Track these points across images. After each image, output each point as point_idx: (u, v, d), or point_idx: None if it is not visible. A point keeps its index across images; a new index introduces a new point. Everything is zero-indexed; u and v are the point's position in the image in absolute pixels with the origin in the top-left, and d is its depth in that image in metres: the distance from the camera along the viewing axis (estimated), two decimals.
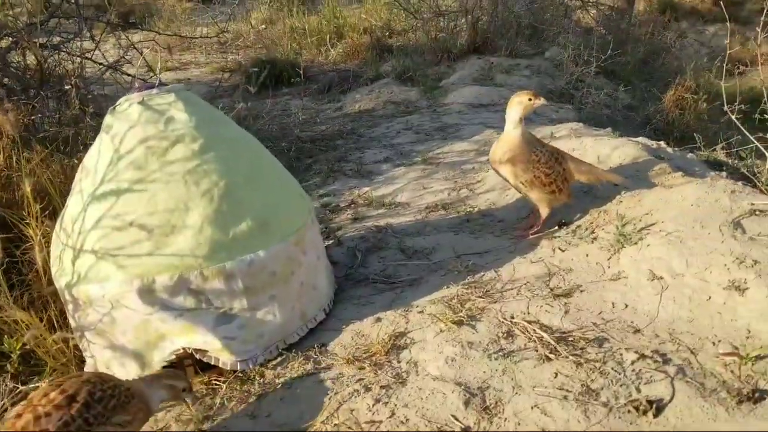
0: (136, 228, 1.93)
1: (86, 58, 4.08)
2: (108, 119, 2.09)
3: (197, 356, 1.99)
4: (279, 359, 2.09)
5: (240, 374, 2.03)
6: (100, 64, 4.42)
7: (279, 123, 5.51)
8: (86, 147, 3.06)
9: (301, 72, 5.71)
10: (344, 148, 4.85)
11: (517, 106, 2.52)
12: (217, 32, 6.07)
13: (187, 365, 2.06)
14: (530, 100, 2.50)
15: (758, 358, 1.74)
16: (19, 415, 1.49)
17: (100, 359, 2.03)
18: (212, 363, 2.00)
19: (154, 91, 2.10)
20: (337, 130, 5.41)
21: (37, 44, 3.73)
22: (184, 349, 1.97)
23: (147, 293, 1.91)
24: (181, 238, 1.93)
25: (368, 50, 8.13)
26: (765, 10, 3.41)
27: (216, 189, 2.01)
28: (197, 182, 2.00)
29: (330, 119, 5.95)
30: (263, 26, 9.94)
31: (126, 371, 1.99)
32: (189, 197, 1.97)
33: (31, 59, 3.82)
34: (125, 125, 2.03)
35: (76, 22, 4.54)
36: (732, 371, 1.72)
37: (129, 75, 4.77)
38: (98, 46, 4.43)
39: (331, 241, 2.97)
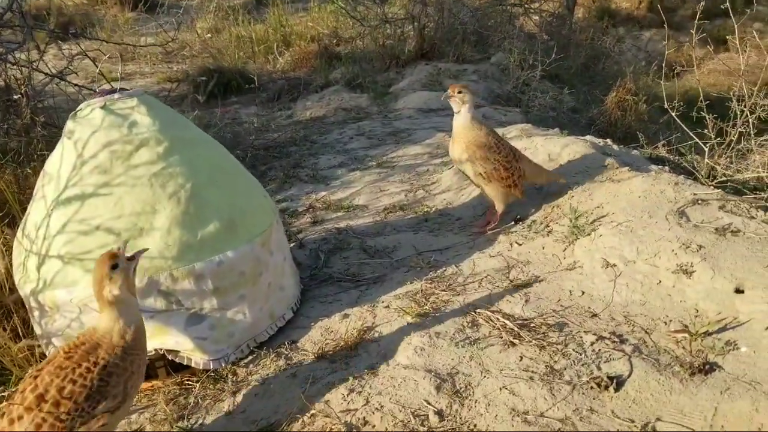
0: (103, 232, 1.93)
1: (34, 69, 4.01)
2: (70, 124, 2.08)
3: (169, 357, 2.00)
4: (250, 357, 2.11)
5: (212, 373, 2.05)
6: (47, 74, 4.34)
7: (231, 131, 5.50)
8: (40, 156, 3.02)
9: (255, 80, 5.69)
10: (298, 154, 4.88)
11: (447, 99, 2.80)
12: (164, 42, 5.99)
13: (159, 367, 2.06)
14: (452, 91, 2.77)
15: (706, 334, 1.86)
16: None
17: None
18: (185, 363, 2.01)
19: (116, 95, 2.11)
20: (289, 137, 5.43)
21: None
22: (155, 350, 1.97)
23: None
24: (150, 240, 1.94)
25: (317, 58, 8.17)
26: (698, 15, 3.61)
27: (182, 191, 2.03)
28: (163, 185, 2.01)
29: (282, 127, 5.96)
30: (209, 35, 9.86)
31: None
32: (156, 200, 1.98)
33: None
34: (88, 130, 2.03)
35: (19, 31, 4.45)
36: (683, 347, 1.83)
37: (76, 85, 4.70)
38: (43, 56, 4.34)
39: (293, 244, 3.00)
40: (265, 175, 4.42)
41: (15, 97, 3.49)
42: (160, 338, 1.97)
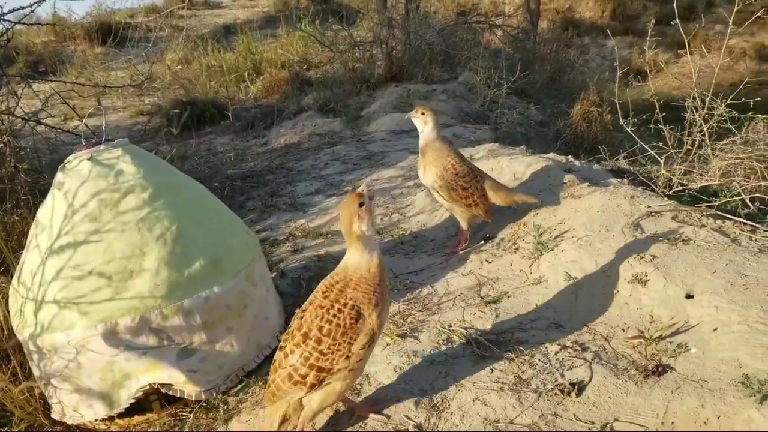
0: (96, 276, 2.06)
1: (12, 114, 4.10)
2: (59, 176, 2.21)
3: (163, 390, 2.12)
4: (240, 386, 2.24)
5: (205, 404, 2.17)
6: (23, 117, 4.43)
7: (207, 162, 5.61)
8: (25, 203, 3.13)
9: (230, 112, 5.81)
10: (275, 183, 5.01)
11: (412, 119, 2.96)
12: (138, 80, 6.09)
13: (153, 400, 2.18)
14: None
15: (660, 338, 2.02)
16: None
17: (67, 404, 2.12)
18: (178, 395, 2.13)
19: (102, 147, 2.24)
20: (266, 166, 5.56)
21: None
22: (149, 385, 2.09)
23: (111, 336, 2.04)
24: (140, 281, 2.07)
25: (288, 84, 8.30)
26: (651, 23, 3.82)
27: (168, 233, 2.16)
28: (150, 228, 2.14)
29: (258, 155, 6.09)
30: (179, 66, 9.97)
31: (94, 412, 2.10)
32: (144, 243, 2.12)
33: None
34: (77, 181, 2.16)
35: None
36: (639, 352, 2.00)
37: (52, 127, 4.80)
38: (19, 101, 4.43)
39: (274, 273, 3.13)
40: (243, 206, 4.54)
41: None
42: (153, 373, 2.09)
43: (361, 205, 1.74)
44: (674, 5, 3.79)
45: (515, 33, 10.18)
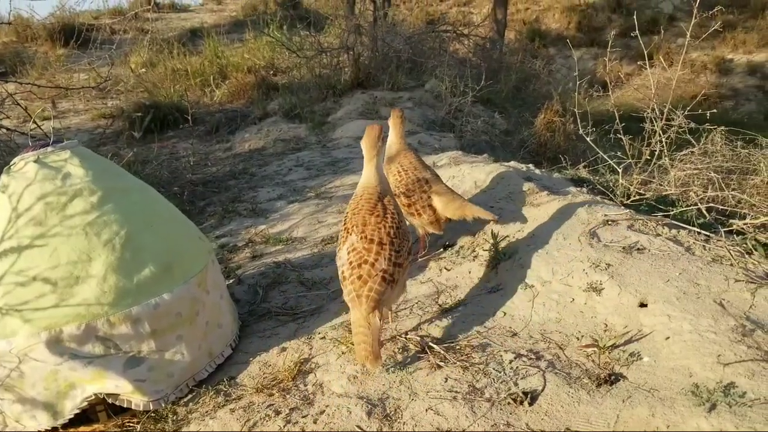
0: (40, 282, 1.99)
1: None
2: (4, 179, 2.14)
3: (109, 401, 2.05)
4: (190, 396, 2.18)
5: (153, 414, 2.11)
6: None
7: (168, 167, 5.52)
8: None
9: (190, 116, 5.72)
10: (237, 188, 4.95)
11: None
12: (99, 82, 5.98)
13: (100, 410, 2.11)
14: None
15: (614, 346, 2.03)
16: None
17: (9, 414, 2.04)
18: (125, 406, 2.07)
19: (49, 149, 2.17)
20: (228, 171, 5.50)
21: None
22: (95, 395, 2.03)
23: (55, 344, 1.97)
24: (86, 287, 2.01)
25: (254, 89, 8.25)
26: (612, 36, 3.87)
27: (117, 238, 2.10)
28: (98, 233, 2.08)
29: (220, 160, 6.02)
30: (143, 69, 9.82)
31: (37, 423, 2.03)
32: (91, 248, 2.05)
33: None
34: (22, 183, 2.09)
35: None
36: (593, 360, 2.00)
37: (6, 128, 4.68)
38: None
39: (231, 280, 3.08)
40: (204, 211, 4.47)
41: None
42: (99, 383, 2.02)
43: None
44: (635, 18, 3.85)
45: (482, 42, 10.27)
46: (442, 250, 2.98)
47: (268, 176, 5.20)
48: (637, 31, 3.72)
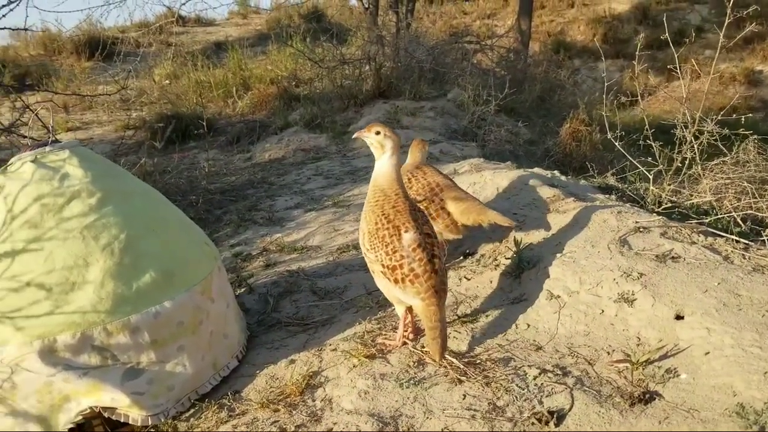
0: (34, 288, 1.89)
1: None
2: (0, 179, 2.04)
3: (106, 415, 1.93)
4: (192, 411, 2.05)
5: (152, 429, 1.98)
6: None
7: (187, 177, 5.46)
8: None
9: (204, 123, 5.66)
10: (255, 197, 4.86)
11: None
12: (116, 90, 5.96)
13: (96, 425, 1.99)
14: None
15: (647, 362, 1.86)
16: None
17: (1, 427, 1.93)
18: (122, 420, 1.95)
19: (47, 148, 2.08)
20: (247, 180, 5.42)
21: None
22: (91, 408, 1.91)
23: (48, 354, 1.86)
24: (82, 294, 1.90)
25: (276, 100, 8.21)
26: (638, 47, 3.72)
27: (116, 242, 1.99)
28: (96, 237, 1.97)
29: (240, 170, 5.95)
30: (167, 81, 9.86)
31: None
32: (88, 252, 1.94)
33: None
34: (18, 184, 2.00)
35: None
36: (625, 377, 1.83)
37: (25, 137, 4.64)
38: None
39: (242, 289, 2.96)
40: (220, 220, 4.38)
41: None
42: (95, 395, 1.91)
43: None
44: (665, 27, 3.69)
45: (506, 54, 10.13)
46: (461, 258, 2.83)
47: (287, 185, 5.11)
48: (669, 39, 3.58)
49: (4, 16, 3.08)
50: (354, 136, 2.29)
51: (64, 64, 10.88)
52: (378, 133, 2.13)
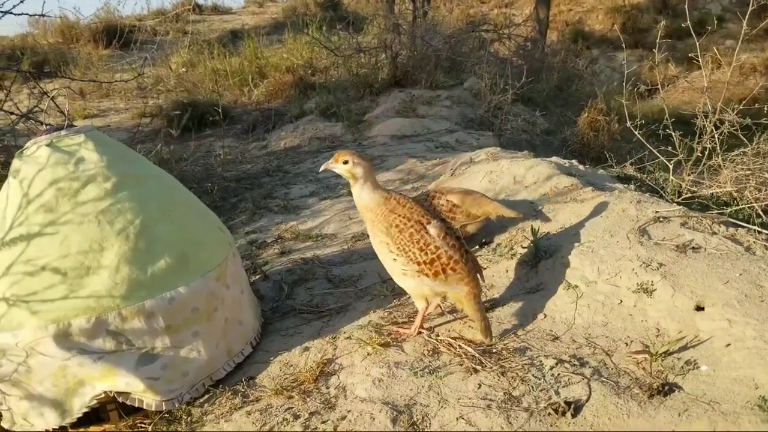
0: (50, 272, 1.88)
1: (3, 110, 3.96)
2: (15, 163, 2.04)
3: (120, 399, 1.93)
4: (206, 396, 2.05)
5: (166, 415, 1.98)
6: (12, 113, 4.30)
7: (203, 164, 5.46)
8: None
9: (220, 111, 5.66)
10: (270, 185, 4.85)
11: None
12: (134, 75, 5.97)
13: (110, 410, 2.00)
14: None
15: (667, 353, 1.83)
16: None
17: (16, 411, 1.94)
18: (136, 405, 1.95)
19: (63, 132, 2.07)
20: (262, 168, 5.41)
21: None
22: (105, 393, 1.91)
23: (63, 338, 1.86)
24: (97, 279, 1.89)
25: (291, 88, 8.19)
26: (659, 35, 3.66)
27: (131, 227, 1.98)
28: (111, 221, 1.97)
29: (255, 158, 5.95)
30: (184, 69, 9.87)
31: (45, 421, 1.92)
32: (103, 237, 1.94)
33: None
34: (34, 168, 1.99)
35: None
36: (644, 368, 1.80)
37: (42, 123, 4.66)
38: (8, 96, 4.31)
39: (257, 276, 2.95)
40: (235, 207, 4.38)
41: None
42: (109, 380, 1.91)
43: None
44: (687, 17, 3.62)
45: (523, 43, 10.02)
46: (477, 247, 2.80)
47: (302, 173, 5.09)
48: (690, 28, 3.50)
49: (22, 1, 3.06)
50: (321, 169, 2.14)
51: (81, 52, 10.90)
52: (346, 162, 2.03)
